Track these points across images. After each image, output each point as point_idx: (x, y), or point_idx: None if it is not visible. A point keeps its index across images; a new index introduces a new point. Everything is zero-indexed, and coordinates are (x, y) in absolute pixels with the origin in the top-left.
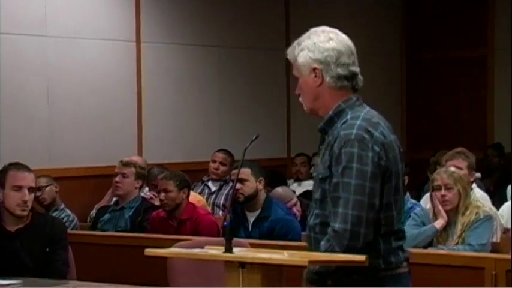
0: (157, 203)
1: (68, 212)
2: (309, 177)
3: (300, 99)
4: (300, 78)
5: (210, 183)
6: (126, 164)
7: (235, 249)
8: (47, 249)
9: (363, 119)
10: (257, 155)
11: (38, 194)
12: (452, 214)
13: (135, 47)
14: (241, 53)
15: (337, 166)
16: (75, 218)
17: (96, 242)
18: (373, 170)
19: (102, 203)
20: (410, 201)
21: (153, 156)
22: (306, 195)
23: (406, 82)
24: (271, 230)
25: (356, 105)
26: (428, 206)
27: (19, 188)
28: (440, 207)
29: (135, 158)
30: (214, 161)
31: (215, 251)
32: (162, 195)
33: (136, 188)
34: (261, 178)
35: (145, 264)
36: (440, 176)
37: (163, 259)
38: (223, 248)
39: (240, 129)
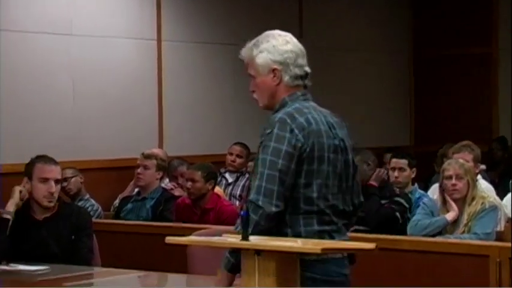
0: (177, 193)
1: (93, 201)
2: None
3: (255, 95)
4: (257, 77)
5: (227, 175)
6: (147, 157)
7: (251, 237)
8: (73, 237)
9: (295, 107)
10: None
11: (64, 184)
12: (460, 204)
13: (156, 45)
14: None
15: (260, 145)
16: (99, 208)
17: (119, 230)
18: (288, 149)
19: (125, 193)
20: (418, 192)
21: (173, 148)
22: None
23: (414, 79)
24: None
25: (299, 99)
26: (436, 196)
27: (46, 180)
28: (451, 201)
29: (156, 151)
30: (231, 154)
31: (233, 239)
32: (189, 183)
33: (157, 179)
34: None
35: (166, 251)
36: (451, 167)
37: (184, 247)
38: (239, 236)
39: (255, 123)
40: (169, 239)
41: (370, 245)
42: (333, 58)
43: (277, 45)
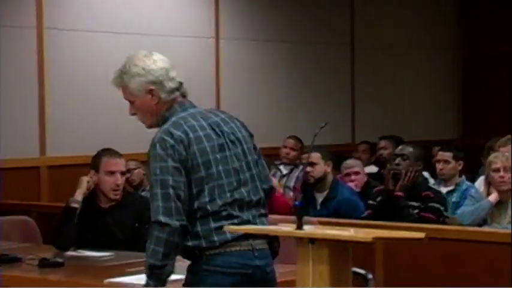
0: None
1: None
2: (369, 163)
3: (137, 117)
4: (136, 100)
5: (281, 167)
6: None
7: (305, 227)
8: (136, 225)
9: (172, 122)
10: (324, 141)
11: (128, 175)
12: (507, 195)
13: (214, 43)
14: (308, 47)
15: (150, 167)
16: None
17: None
18: (174, 164)
19: None
20: (465, 184)
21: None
22: None
23: (462, 74)
24: (338, 209)
25: (177, 112)
26: (482, 188)
27: (112, 173)
28: (494, 190)
29: None
30: (285, 147)
31: (287, 228)
32: None
33: None
34: (329, 162)
35: None
36: (499, 159)
37: None
38: (294, 226)
39: (308, 118)
40: (229, 228)
41: (420, 235)
42: (383, 57)
43: (146, 66)
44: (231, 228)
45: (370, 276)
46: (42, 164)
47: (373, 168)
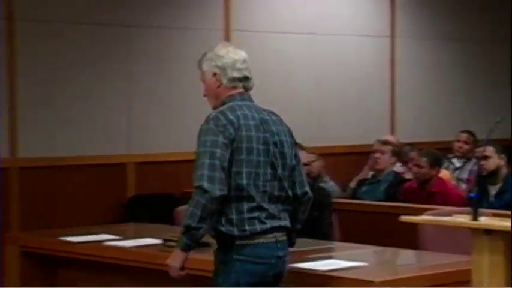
0: (408, 176)
1: (332, 183)
2: None
3: (206, 99)
4: (205, 81)
5: (454, 160)
6: (384, 143)
7: (480, 218)
8: (315, 214)
9: (228, 106)
10: (496, 135)
11: (307, 167)
12: None
13: (390, 42)
14: (483, 46)
15: (197, 139)
16: (338, 189)
17: (356, 209)
18: (224, 140)
19: (361, 176)
20: None
21: (404, 136)
22: None
23: None
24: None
25: (236, 100)
26: None
27: None
28: None
29: (391, 138)
30: (458, 141)
31: (462, 219)
32: (415, 169)
33: (391, 163)
34: (502, 155)
35: (398, 229)
36: None
37: (415, 225)
38: (468, 217)
39: (478, 112)
40: (404, 218)
41: None
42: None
43: (218, 53)
44: None
45: None
46: None
47: None
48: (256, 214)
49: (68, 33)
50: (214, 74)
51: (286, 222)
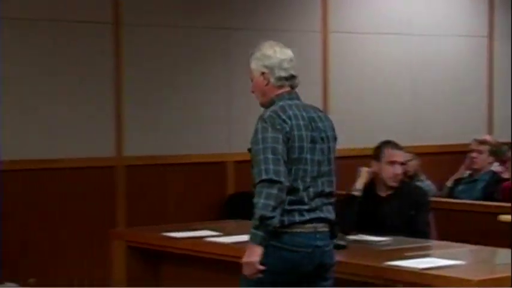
0: (506, 176)
1: (429, 182)
2: None
3: (254, 96)
4: (253, 79)
5: None
6: (481, 142)
7: None
8: (412, 213)
9: (279, 106)
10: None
11: (404, 166)
12: None
13: (486, 42)
14: None
15: (255, 137)
16: (434, 188)
17: (453, 208)
18: (283, 137)
19: (457, 175)
20: None
21: (502, 135)
22: None
23: None
24: None
25: (285, 99)
26: None
27: (393, 163)
28: None
29: (488, 137)
30: None
31: None
32: None
33: (489, 163)
34: None
35: (496, 228)
36: None
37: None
38: None
39: None
40: (502, 218)
41: None
42: None
43: (265, 53)
44: None
45: None
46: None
47: None
48: (296, 207)
49: (166, 35)
50: (262, 73)
51: (328, 215)
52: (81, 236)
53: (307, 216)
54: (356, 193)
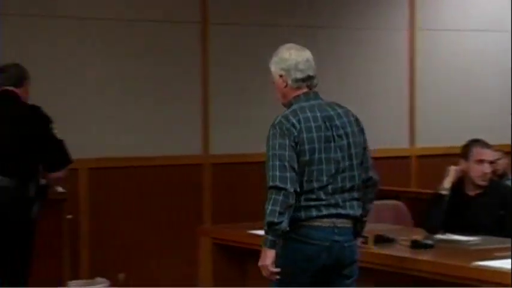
0: None
1: None
2: None
3: (276, 97)
4: (274, 82)
5: None
6: None
7: None
8: (502, 212)
9: (292, 110)
10: None
11: (493, 165)
12: None
13: None
14: None
15: (267, 143)
16: None
17: None
18: (291, 143)
19: None
20: None
21: None
22: None
23: None
24: None
25: (301, 100)
26: None
27: (481, 162)
28: None
29: None
30: None
31: None
32: None
33: None
34: None
35: None
36: None
37: None
38: None
39: None
40: None
41: None
42: None
43: (282, 56)
44: None
45: None
46: (411, 153)
47: None
48: (313, 203)
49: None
50: (281, 76)
51: (350, 211)
52: (168, 232)
53: (324, 212)
54: (444, 192)
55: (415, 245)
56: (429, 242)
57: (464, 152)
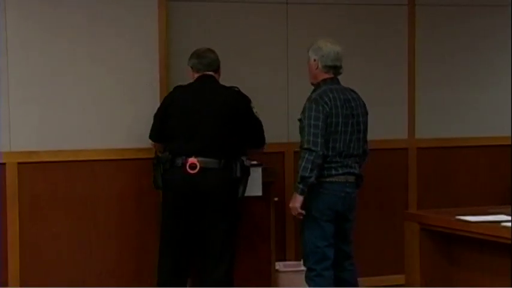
0: None
1: None
2: None
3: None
4: (308, 64)
5: None
6: None
7: None
8: None
9: (322, 90)
10: None
11: None
12: None
13: None
14: None
15: (304, 113)
16: None
17: None
18: (323, 116)
19: None
20: None
21: None
22: None
23: None
24: None
25: (327, 83)
26: None
27: None
28: None
29: None
30: None
31: None
32: None
33: None
34: None
35: None
36: None
37: None
38: None
39: None
40: None
41: None
42: None
43: (319, 45)
44: None
45: None
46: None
47: None
48: (333, 165)
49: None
50: (314, 60)
51: (355, 170)
52: (375, 216)
53: (340, 171)
54: None
55: None
56: None
57: None
